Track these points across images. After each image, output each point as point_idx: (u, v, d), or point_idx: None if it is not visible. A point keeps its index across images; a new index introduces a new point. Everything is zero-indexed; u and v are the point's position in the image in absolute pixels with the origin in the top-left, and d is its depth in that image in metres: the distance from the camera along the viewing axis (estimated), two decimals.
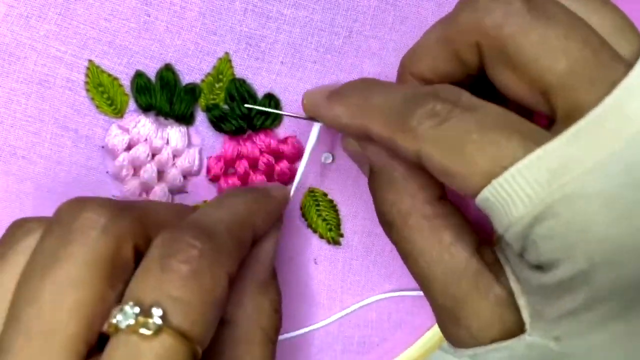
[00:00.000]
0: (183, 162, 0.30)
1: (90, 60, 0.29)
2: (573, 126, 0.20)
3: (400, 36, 0.30)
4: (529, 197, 0.20)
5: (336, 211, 0.32)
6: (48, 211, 0.30)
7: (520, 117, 0.21)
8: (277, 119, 0.30)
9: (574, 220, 0.20)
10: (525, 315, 0.23)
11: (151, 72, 0.30)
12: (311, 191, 0.32)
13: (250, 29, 0.29)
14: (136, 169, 0.30)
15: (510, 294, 0.23)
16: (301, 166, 0.30)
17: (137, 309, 0.20)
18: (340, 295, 0.33)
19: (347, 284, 0.33)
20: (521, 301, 0.23)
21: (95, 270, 0.21)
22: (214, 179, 0.31)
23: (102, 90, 0.30)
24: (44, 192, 0.30)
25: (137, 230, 0.23)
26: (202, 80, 0.30)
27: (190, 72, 0.30)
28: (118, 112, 0.30)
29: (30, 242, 0.23)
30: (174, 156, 0.30)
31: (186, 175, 0.31)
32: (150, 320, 0.20)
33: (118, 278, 0.22)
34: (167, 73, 0.29)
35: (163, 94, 0.30)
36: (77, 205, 0.23)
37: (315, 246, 0.32)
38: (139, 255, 0.23)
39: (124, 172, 0.30)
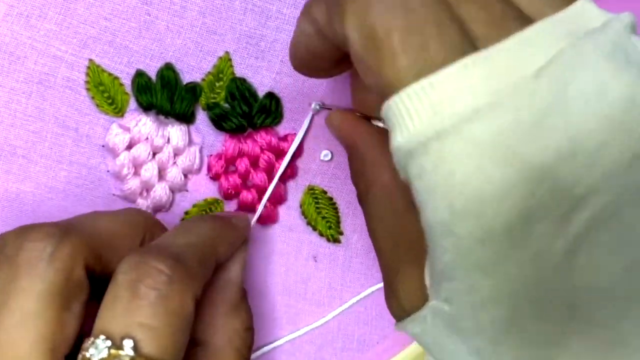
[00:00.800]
0: (184, 161, 0.30)
1: (90, 60, 0.29)
2: (462, 60, 0.18)
3: None
4: (408, 129, 0.18)
5: (336, 209, 0.32)
6: (48, 210, 0.30)
7: (440, 9, 0.19)
8: (277, 118, 0.31)
9: (443, 163, 0.18)
10: (427, 277, 0.22)
11: (152, 71, 0.30)
12: (311, 189, 0.32)
13: (250, 28, 0.30)
14: (137, 168, 0.30)
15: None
16: (287, 157, 0.30)
17: (108, 342, 0.20)
18: (340, 292, 0.33)
19: (347, 281, 0.33)
20: (426, 264, 0.22)
21: (49, 300, 0.21)
22: (215, 177, 0.31)
23: (102, 89, 0.30)
24: (44, 191, 0.30)
25: (86, 251, 0.23)
26: (203, 79, 0.30)
27: (191, 71, 0.30)
28: (119, 111, 0.30)
29: None
30: (175, 155, 0.30)
31: (187, 173, 0.31)
32: (122, 352, 0.20)
33: (73, 300, 0.22)
34: (168, 72, 0.30)
35: (164, 93, 0.30)
36: (21, 235, 0.22)
37: (315, 244, 0.32)
38: (90, 274, 0.23)
39: (124, 171, 0.30)
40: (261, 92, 0.30)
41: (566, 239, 0.18)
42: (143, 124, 0.30)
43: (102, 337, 0.21)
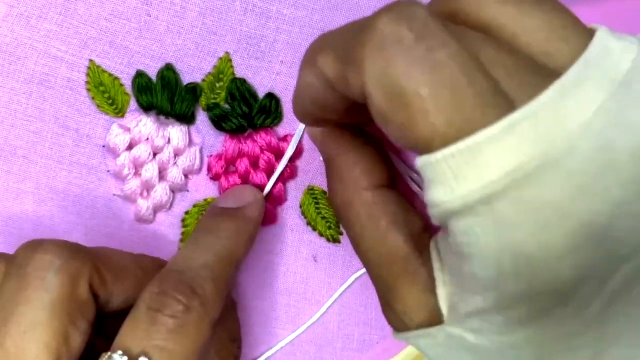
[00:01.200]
0: (184, 161, 0.30)
1: (91, 60, 0.29)
2: (504, 119, 0.17)
3: None
4: (452, 188, 0.18)
5: None
6: (48, 210, 0.30)
7: (474, 69, 0.18)
8: (277, 118, 0.31)
9: (494, 226, 0.18)
10: (443, 306, 0.22)
11: (152, 72, 0.30)
12: (310, 189, 0.32)
13: (250, 29, 0.30)
14: (137, 168, 0.30)
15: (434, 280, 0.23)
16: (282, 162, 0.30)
17: (125, 358, 0.22)
18: (339, 293, 0.33)
19: (347, 281, 0.33)
20: (440, 291, 0.23)
21: (54, 311, 0.22)
22: (215, 178, 0.31)
23: (102, 89, 0.30)
24: (45, 192, 0.30)
25: (91, 271, 0.24)
26: (203, 80, 0.30)
27: (191, 72, 0.30)
28: (119, 112, 0.30)
29: None
30: (175, 155, 0.30)
31: (187, 174, 0.31)
32: None
33: (79, 317, 0.23)
34: (168, 72, 0.30)
35: (164, 93, 0.30)
36: (32, 248, 0.24)
37: (315, 244, 0.32)
38: (95, 298, 0.24)
39: (125, 171, 0.30)
40: (261, 93, 0.30)
41: (604, 297, 0.19)
42: (143, 124, 0.30)
43: (120, 352, 0.22)
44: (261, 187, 0.31)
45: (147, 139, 0.30)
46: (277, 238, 0.32)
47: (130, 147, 0.30)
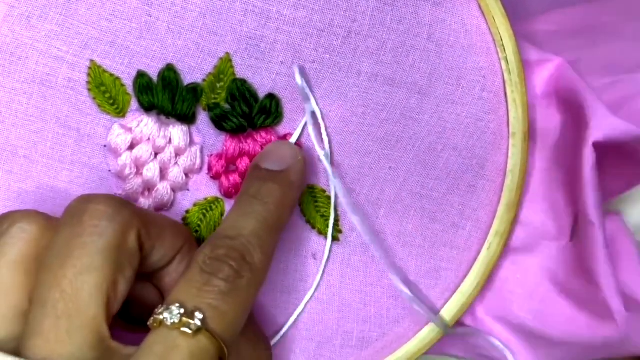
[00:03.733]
0: (185, 161, 0.31)
1: (92, 60, 0.30)
2: None
3: (397, 36, 0.31)
4: None
5: (335, 207, 0.32)
6: (50, 210, 0.30)
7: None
8: (278, 118, 0.31)
9: None
10: None
11: (153, 72, 0.30)
12: (310, 187, 0.32)
13: (251, 29, 0.30)
14: (139, 168, 0.30)
15: None
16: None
17: (182, 310, 0.23)
18: (339, 290, 0.33)
19: (346, 279, 0.33)
20: None
21: (107, 257, 0.24)
22: (216, 177, 0.31)
23: (104, 90, 0.30)
24: (46, 191, 0.30)
25: (139, 224, 0.25)
26: (204, 80, 0.30)
27: (192, 72, 0.30)
28: (120, 112, 0.30)
29: (14, 232, 0.25)
30: (176, 155, 0.31)
31: (188, 173, 0.31)
32: (192, 321, 0.23)
33: (127, 265, 0.25)
34: (169, 73, 0.30)
35: (165, 93, 0.30)
36: (85, 199, 0.25)
37: (314, 242, 0.33)
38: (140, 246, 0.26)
39: (127, 171, 0.30)
40: (261, 93, 0.31)
41: None
42: (145, 124, 0.30)
43: (177, 304, 0.24)
44: None
45: (149, 139, 0.30)
46: None
47: (131, 147, 0.30)
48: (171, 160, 0.30)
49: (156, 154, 0.30)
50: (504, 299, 0.34)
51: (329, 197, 0.32)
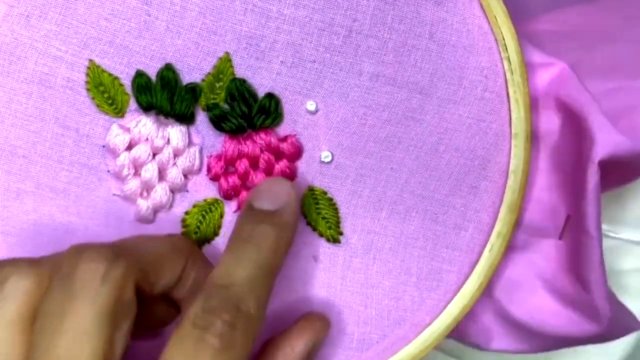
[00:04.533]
0: (184, 162, 0.30)
1: (90, 60, 0.29)
2: None
3: (398, 35, 0.30)
4: None
5: (335, 209, 0.32)
6: (49, 210, 0.30)
7: None
8: (277, 118, 0.31)
9: None
10: None
11: (152, 72, 0.30)
12: (311, 189, 0.32)
13: (250, 29, 0.30)
14: (137, 168, 0.30)
15: None
16: None
17: None
18: (339, 292, 0.33)
19: (347, 281, 0.33)
20: None
21: (103, 319, 0.23)
22: (215, 178, 0.31)
23: (102, 89, 0.30)
24: (45, 191, 0.30)
25: (136, 273, 0.25)
26: (203, 80, 0.30)
27: (191, 72, 0.30)
28: (119, 112, 0.30)
29: (9, 291, 0.24)
30: (175, 155, 0.30)
31: (187, 174, 0.31)
32: None
33: (123, 320, 0.24)
34: (168, 73, 0.30)
35: (164, 93, 0.30)
36: (76, 254, 0.24)
37: (315, 244, 0.32)
38: (137, 294, 0.25)
39: (125, 172, 0.30)
40: (261, 93, 0.30)
41: None
42: (143, 124, 0.30)
43: None
44: None
45: (147, 139, 0.30)
46: None
47: (130, 147, 0.30)
48: (170, 160, 0.30)
49: (154, 155, 0.30)
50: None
51: (330, 199, 0.32)
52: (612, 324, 0.33)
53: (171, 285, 0.27)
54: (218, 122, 0.30)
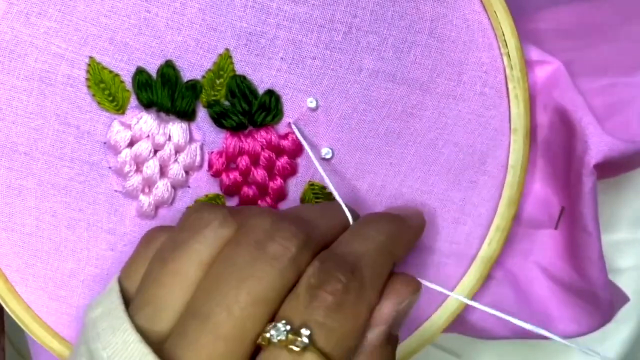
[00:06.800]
0: (185, 158, 0.31)
1: (91, 57, 0.29)
2: None
3: (399, 32, 0.30)
4: None
5: None
6: (51, 207, 0.31)
7: None
8: (277, 116, 0.31)
9: None
10: None
11: (152, 69, 0.30)
12: (311, 184, 0.32)
13: (250, 25, 0.30)
14: (138, 165, 0.30)
15: None
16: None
17: (288, 327, 0.23)
18: None
19: None
20: None
21: (280, 292, 0.24)
22: (216, 175, 0.31)
23: (103, 86, 0.30)
24: (47, 188, 0.31)
25: (316, 247, 0.25)
26: (203, 77, 0.30)
27: (191, 69, 0.30)
28: (119, 109, 0.30)
29: (209, 234, 0.25)
30: (176, 152, 0.30)
31: (188, 170, 0.31)
32: (299, 339, 0.22)
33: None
34: (168, 69, 0.30)
35: (164, 90, 0.30)
36: (273, 226, 0.25)
37: None
38: None
39: (126, 168, 0.30)
40: (261, 90, 0.30)
41: None
42: (144, 121, 0.30)
43: (284, 321, 0.23)
44: (262, 184, 0.31)
45: (148, 136, 0.30)
46: None
47: (131, 144, 0.30)
48: (171, 157, 0.30)
49: (156, 151, 0.30)
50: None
51: (329, 194, 0.32)
52: (611, 307, 0.33)
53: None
54: (219, 119, 0.30)
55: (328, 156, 0.31)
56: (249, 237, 0.25)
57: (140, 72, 0.30)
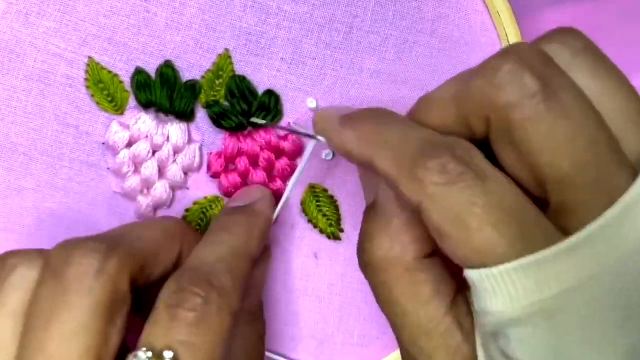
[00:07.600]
0: (184, 159, 0.30)
1: (90, 57, 0.29)
2: (566, 241, 0.20)
3: (400, 32, 0.30)
4: (512, 299, 0.20)
5: (336, 207, 0.32)
6: (50, 207, 0.30)
7: (525, 201, 0.21)
8: (277, 117, 0.30)
9: (549, 336, 0.20)
10: None
11: (151, 69, 0.30)
12: (312, 187, 0.32)
13: (250, 25, 0.29)
14: (137, 166, 0.30)
15: (476, 356, 0.23)
16: (293, 179, 0.30)
17: (149, 354, 0.22)
18: (340, 289, 0.33)
19: (348, 278, 0.33)
20: None
21: (97, 314, 0.22)
22: (215, 176, 0.31)
23: (102, 87, 0.30)
24: (46, 188, 0.30)
25: (131, 265, 0.24)
26: (202, 77, 0.30)
27: (190, 69, 0.30)
28: (118, 109, 0.30)
29: (17, 281, 0.24)
30: (175, 153, 0.30)
31: (187, 171, 0.31)
32: None
33: (117, 314, 0.23)
34: (167, 70, 0.29)
35: (163, 90, 0.30)
36: (67, 250, 0.23)
37: (316, 241, 0.32)
38: (133, 285, 0.24)
39: (125, 169, 0.30)
40: (261, 90, 0.30)
41: None
42: (143, 122, 0.30)
43: (144, 349, 0.22)
44: (262, 185, 0.31)
45: (147, 136, 0.30)
46: (278, 236, 0.32)
47: (129, 144, 0.30)
48: (169, 158, 0.30)
49: (154, 152, 0.30)
50: None
51: (331, 197, 0.32)
52: None
53: (169, 271, 0.26)
54: (218, 119, 0.30)
55: (329, 158, 0.31)
56: (48, 271, 0.23)
57: (139, 73, 0.29)
